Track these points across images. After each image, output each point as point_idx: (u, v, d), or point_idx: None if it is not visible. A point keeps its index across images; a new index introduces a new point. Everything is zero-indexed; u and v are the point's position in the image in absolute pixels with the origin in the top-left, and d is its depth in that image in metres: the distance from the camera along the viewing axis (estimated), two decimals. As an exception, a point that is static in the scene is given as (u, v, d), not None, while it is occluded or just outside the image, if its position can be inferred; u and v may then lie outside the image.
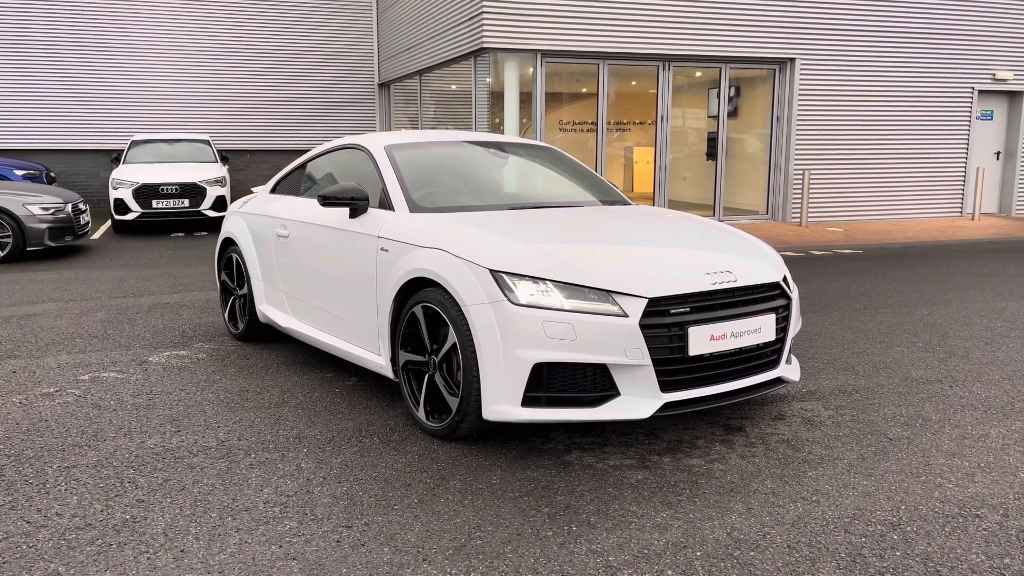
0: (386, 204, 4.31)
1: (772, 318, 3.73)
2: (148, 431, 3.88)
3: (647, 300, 3.40)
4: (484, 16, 11.23)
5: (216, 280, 6.07)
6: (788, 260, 9.42)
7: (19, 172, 13.45)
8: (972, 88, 13.89)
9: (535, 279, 3.43)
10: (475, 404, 3.50)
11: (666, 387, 3.44)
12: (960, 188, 14.19)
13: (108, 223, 13.58)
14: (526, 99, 12.10)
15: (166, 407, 4.23)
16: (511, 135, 11.65)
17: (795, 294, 4.02)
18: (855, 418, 4.08)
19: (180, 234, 12.24)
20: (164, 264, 9.25)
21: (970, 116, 13.98)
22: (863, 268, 9.03)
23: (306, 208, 4.90)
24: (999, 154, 14.77)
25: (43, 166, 14.42)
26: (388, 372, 4.09)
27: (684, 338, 3.43)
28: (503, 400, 3.41)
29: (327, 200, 4.29)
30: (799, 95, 12.93)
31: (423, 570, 2.64)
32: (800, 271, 8.71)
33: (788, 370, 3.97)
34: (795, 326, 4.05)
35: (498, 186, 4.93)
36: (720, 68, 12.84)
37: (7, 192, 9.54)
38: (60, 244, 9.61)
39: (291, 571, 2.63)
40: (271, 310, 5.27)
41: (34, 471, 3.42)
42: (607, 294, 3.40)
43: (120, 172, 12.31)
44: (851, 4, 12.89)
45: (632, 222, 4.37)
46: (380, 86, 18.34)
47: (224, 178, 12.64)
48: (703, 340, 3.47)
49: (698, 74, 13.50)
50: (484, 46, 11.35)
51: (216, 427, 3.94)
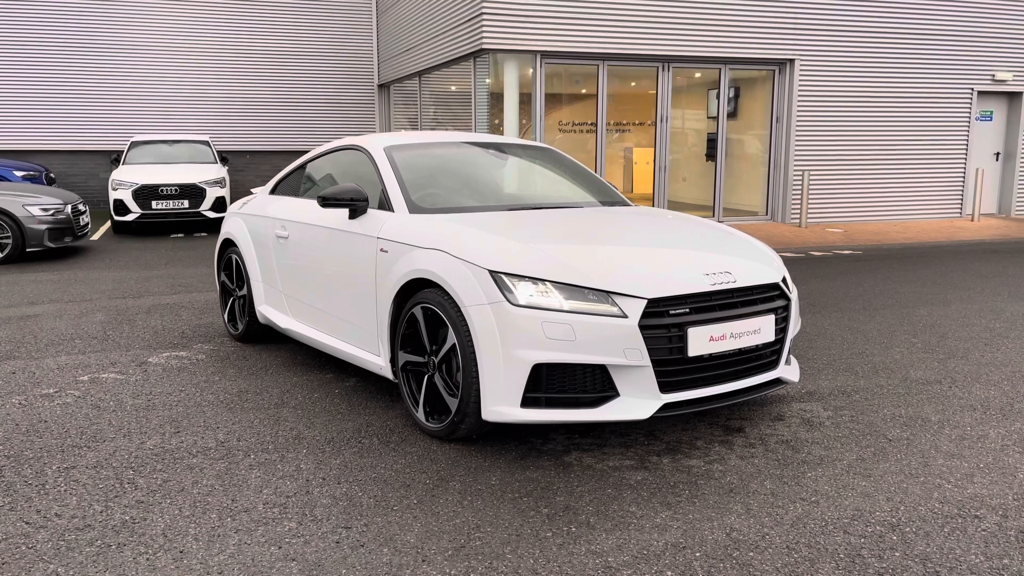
0: (385, 205, 4.31)
1: (771, 319, 3.73)
2: (147, 432, 3.88)
3: (646, 301, 3.40)
4: (483, 17, 11.24)
5: (215, 281, 6.07)
6: (787, 261, 9.42)
7: (19, 173, 13.44)
8: (971, 89, 13.90)
9: (534, 280, 3.43)
10: (474, 405, 3.50)
11: (665, 388, 3.44)
12: (960, 189, 14.20)
13: (108, 224, 13.58)
14: (526, 100, 12.11)
15: (165, 408, 4.24)
16: (511, 136, 11.66)
17: (794, 295, 4.03)
18: (854, 419, 4.08)
19: (180, 235, 12.24)
20: (164, 265, 9.25)
21: (969, 117, 13.99)
22: (862, 269, 9.04)
23: (306, 209, 4.90)
24: (998, 155, 14.78)
25: (43, 167, 14.43)
26: (387, 373, 4.09)
27: (683, 339, 3.43)
28: (502, 401, 3.41)
29: (327, 201, 4.29)
30: (798, 96, 12.94)
31: (422, 571, 2.64)
32: (799, 272, 8.72)
33: (787, 371, 3.98)
34: (794, 327, 4.05)
35: (497, 187, 4.93)
36: (720, 69, 12.85)
37: (7, 193, 9.54)
38: (60, 245, 9.61)
39: (290, 572, 2.63)
40: (271, 311, 5.27)
41: (33, 472, 3.42)
42: (606, 295, 3.40)
43: (120, 173, 12.32)
44: (850, 5, 12.90)
45: (631, 223, 4.37)
46: (380, 87, 18.35)
47: (224, 179, 12.64)
48: (702, 341, 3.47)
49: (697, 75, 13.51)
50: (483, 47, 11.36)
51: (215, 428, 3.94)
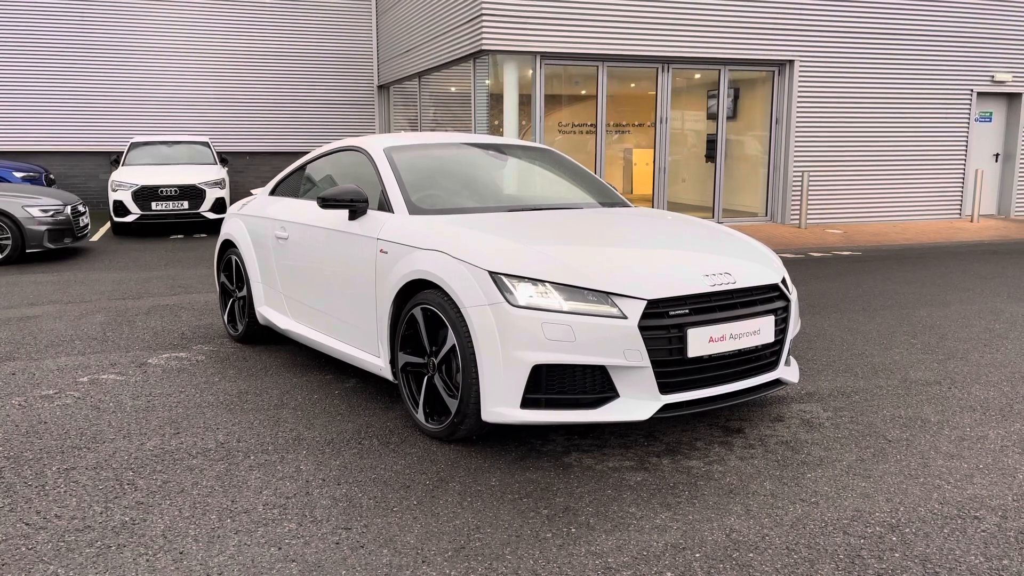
0: (385, 206, 4.31)
1: (771, 320, 3.73)
2: (147, 433, 3.88)
3: (646, 302, 3.40)
4: (483, 18, 11.24)
5: (215, 282, 6.07)
6: (787, 262, 9.42)
7: (18, 174, 13.44)
8: (971, 90, 13.91)
9: (534, 281, 3.43)
10: (474, 406, 3.50)
11: (665, 389, 3.44)
12: (959, 190, 14.21)
13: (107, 225, 13.58)
14: (525, 101, 12.11)
15: (165, 409, 4.24)
16: (510, 137, 11.66)
17: (794, 296, 4.03)
18: (854, 420, 4.08)
19: (179, 236, 12.24)
20: (163, 266, 9.25)
21: (969, 118, 14.00)
22: (862, 270, 9.04)
23: (305, 210, 4.90)
24: (998, 156, 14.78)
25: (42, 168, 14.42)
26: (387, 374, 4.09)
27: (683, 340, 3.43)
28: (502, 402, 3.41)
29: (326, 202, 4.30)
30: (798, 97, 12.95)
31: (422, 572, 2.64)
32: (799, 273, 8.72)
33: (787, 372, 3.98)
34: (794, 328, 4.06)
35: (497, 188, 4.93)
36: (719, 70, 12.86)
37: (6, 194, 9.54)
38: (59, 246, 9.61)
39: (290, 573, 2.63)
40: (270, 312, 5.27)
41: (33, 473, 3.42)
42: (606, 296, 3.40)
43: (119, 174, 12.32)
44: (850, 6, 12.91)
45: (631, 224, 4.37)
46: (379, 88, 18.35)
47: (223, 180, 12.64)
48: (702, 342, 3.47)
49: (697, 76, 13.51)
50: (483, 48, 11.36)
51: (215, 429, 3.94)
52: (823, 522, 2.98)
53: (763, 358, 3.77)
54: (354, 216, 4.36)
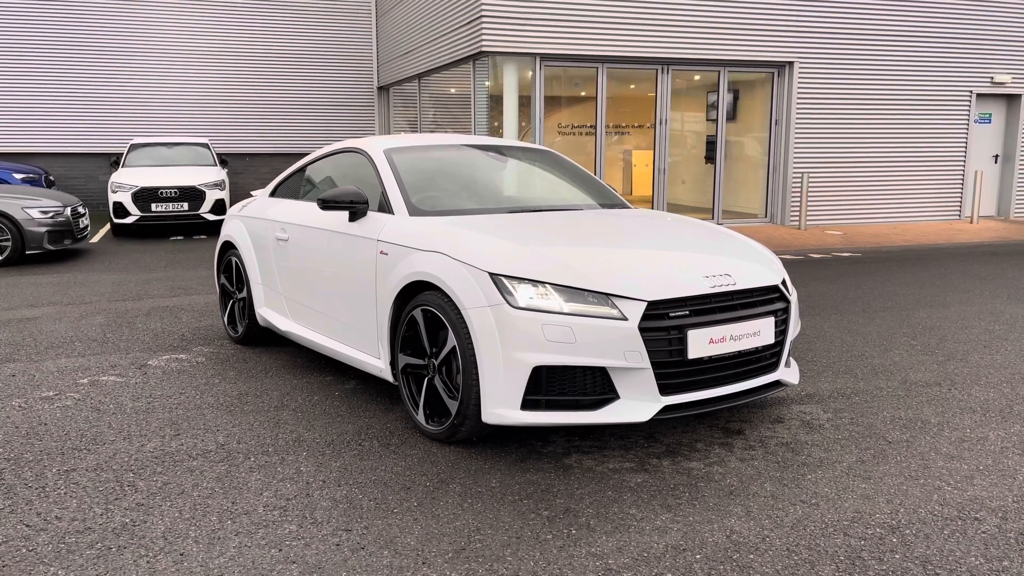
0: (385, 208, 4.32)
1: (771, 321, 3.73)
2: (147, 435, 3.88)
3: (646, 303, 3.40)
4: (483, 20, 11.25)
5: (215, 284, 6.08)
6: (787, 263, 9.42)
7: (18, 176, 13.45)
8: (970, 91, 13.92)
9: (534, 282, 3.44)
10: (474, 407, 3.50)
11: (665, 390, 3.44)
12: (958, 191, 14.21)
13: (107, 226, 13.58)
14: (525, 103, 12.11)
15: (165, 411, 4.24)
16: (510, 139, 11.66)
17: (794, 297, 4.03)
18: (854, 421, 4.08)
19: (179, 237, 12.24)
20: (163, 268, 9.25)
21: (968, 119, 14.01)
22: (862, 271, 9.04)
23: (305, 212, 4.91)
24: (997, 157, 14.79)
25: (42, 170, 14.43)
26: (387, 375, 4.09)
27: (683, 341, 3.43)
28: (502, 403, 3.41)
29: (326, 203, 4.30)
30: (798, 98, 12.95)
31: (423, 573, 2.64)
32: (799, 274, 8.72)
33: (787, 373, 3.98)
34: (794, 329, 4.06)
35: (497, 190, 4.94)
36: (719, 72, 12.86)
37: (6, 196, 9.54)
38: (59, 248, 9.61)
39: (291, 574, 2.63)
40: (270, 313, 5.27)
41: (33, 475, 3.42)
42: (606, 297, 3.40)
43: (119, 175, 12.32)
44: (850, 7, 12.92)
45: (631, 225, 4.38)
46: (379, 89, 18.36)
47: (223, 181, 12.65)
48: (702, 343, 3.47)
49: (697, 77, 13.52)
50: (483, 50, 11.37)
51: (215, 431, 3.94)
52: (823, 523, 2.98)
53: (763, 359, 3.78)
54: (354, 217, 4.37)
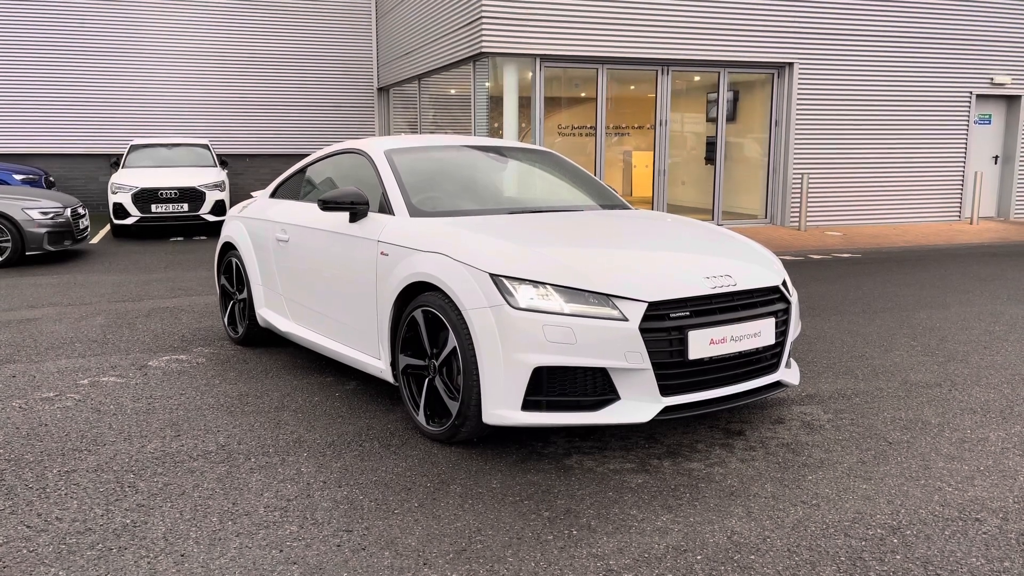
0: (386, 208, 4.32)
1: (771, 322, 3.73)
2: (148, 435, 3.88)
3: (647, 304, 3.40)
4: (483, 21, 11.25)
5: (215, 284, 6.08)
6: (787, 264, 9.43)
7: (18, 176, 13.44)
8: (970, 92, 13.92)
9: (535, 283, 3.44)
10: (475, 408, 3.50)
11: (666, 391, 3.44)
12: (958, 192, 14.22)
13: (107, 227, 13.58)
14: (525, 103, 12.12)
15: (166, 411, 4.23)
16: (510, 139, 11.67)
17: (794, 298, 4.03)
18: (854, 422, 4.08)
19: (179, 238, 12.24)
20: (163, 268, 9.25)
21: (968, 120, 14.01)
22: (862, 272, 9.05)
23: (306, 212, 4.91)
24: (997, 158, 14.80)
25: (42, 170, 14.43)
26: (388, 376, 4.09)
27: (684, 342, 3.43)
28: (503, 404, 3.41)
29: (327, 204, 4.30)
30: (797, 99, 12.96)
31: (423, 574, 2.64)
32: (799, 275, 8.72)
33: (787, 374, 3.98)
34: (794, 330, 4.06)
35: (497, 190, 4.94)
36: (719, 72, 12.87)
37: (6, 197, 9.54)
38: (59, 248, 9.61)
39: (292, 575, 2.63)
40: (271, 314, 5.27)
41: (34, 476, 3.42)
42: (607, 298, 3.40)
43: (119, 176, 12.32)
44: (849, 8, 12.92)
45: (631, 226, 4.38)
46: (379, 90, 18.36)
47: (223, 182, 12.65)
48: (703, 344, 3.47)
49: (697, 78, 13.52)
50: (483, 51, 11.37)
51: (216, 431, 3.94)
52: (824, 524, 2.98)
53: (764, 360, 3.78)
54: (355, 218, 4.37)
